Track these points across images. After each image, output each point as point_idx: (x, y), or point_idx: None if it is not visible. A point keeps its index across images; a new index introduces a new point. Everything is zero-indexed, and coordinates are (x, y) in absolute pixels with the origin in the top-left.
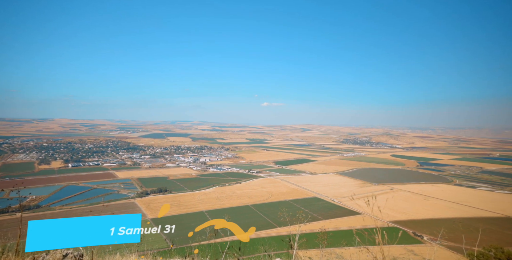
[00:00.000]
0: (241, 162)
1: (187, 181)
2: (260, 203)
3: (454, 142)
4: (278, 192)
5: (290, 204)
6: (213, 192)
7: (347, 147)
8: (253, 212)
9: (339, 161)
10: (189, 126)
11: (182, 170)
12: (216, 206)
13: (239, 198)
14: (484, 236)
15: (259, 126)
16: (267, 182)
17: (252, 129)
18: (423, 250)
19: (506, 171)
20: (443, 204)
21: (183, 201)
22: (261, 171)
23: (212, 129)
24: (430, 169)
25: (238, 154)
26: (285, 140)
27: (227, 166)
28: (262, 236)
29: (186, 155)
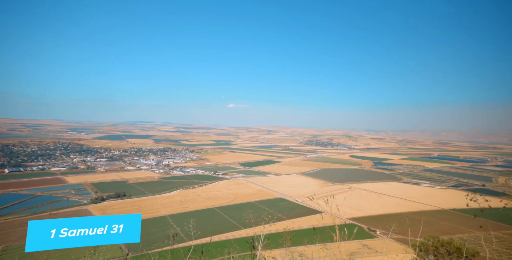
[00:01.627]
0: (206, 164)
1: (149, 185)
2: (225, 205)
3: (403, 143)
4: (244, 194)
5: (255, 205)
6: (177, 195)
7: (310, 148)
8: (218, 214)
9: (303, 162)
10: (151, 128)
11: (143, 173)
12: (179, 209)
13: (204, 201)
14: (425, 228)
15: (225, 128)
16: (232, 183)
17: (218, 130)
18: (376, 243)
19: (443, 169)
20: (394, 200)
21: (143, 206)
22: (227, 172)
23: (176, 130)
24: (383, 168)
25: (204, 156)
26: (251, 142)
27: (192, 168)
28: (228, 238)
29: (147, 157)
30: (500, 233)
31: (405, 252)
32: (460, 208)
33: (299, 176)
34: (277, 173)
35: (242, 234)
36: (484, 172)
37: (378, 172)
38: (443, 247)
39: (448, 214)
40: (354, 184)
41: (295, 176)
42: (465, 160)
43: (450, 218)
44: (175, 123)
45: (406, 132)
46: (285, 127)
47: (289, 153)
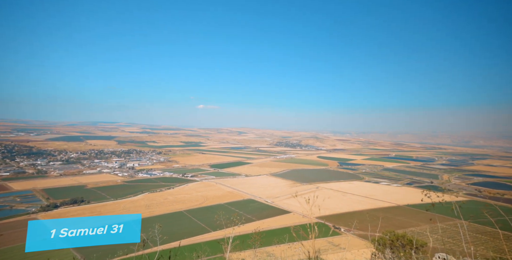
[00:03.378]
0: (174, 166)
1: (111, 189)
2: (194, 208)
3: (365, 144)
4: (214, 196)
5: (225, 207)
6: (142, 199)
7: (280, 149)
8: (187, 218)
9: (273, 163)
10: (115, 128)
11: (104, 176)
12: (145, 214)
13: (172, 204)
14: (383, 223)
15: (194, 129)
16: (202, 185)
17: (187, 132)
18: (341, 240)
19: (399, 168)
20: (356, 199)
21: (104, 212)
22: (196, 174)
23: (142, 131)
24: (347, 168)
25: (172, 158)
26: (221, 143)
27: (159, 170)
28: (197, 241)
29: (110, 159)
30: (444, 225)
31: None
32: (413, 203)
33: (269, 177)
34: (247, 174)
35: (212, 237)
36: (432, 170)
37: (343, 171)
38: (398, 241)
39: (403, 209)
40: (321, 183)
41: (265, 177)
42: (417, 160)
43: (404, 213)
44: (141, 124)
45: (368, 133)
46: (255, 129)
47: (259, 154)
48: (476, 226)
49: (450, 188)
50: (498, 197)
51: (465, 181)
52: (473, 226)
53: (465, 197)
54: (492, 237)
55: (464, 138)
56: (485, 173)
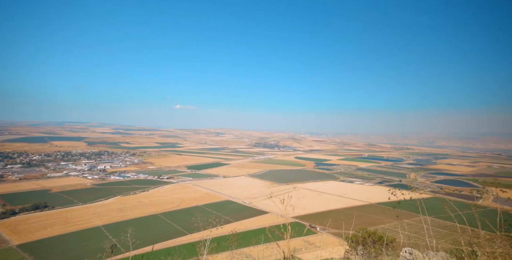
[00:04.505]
0: (149, 168)
1: (79, 193)
2: (170, 211)
3: (340, 145)
4: (191, 198)
5: (203, 209)
6: (114, 203)
7: (258, 150)
8: (162, 221)
9: (251, 164)
10: (84, 129)
11: (72, 179)
12: (117, 218)
13: (146, 207)
14: (357, 221)
15: (171, 130)
16: (178, 187)
17: (163, 132)
18: (316, 239)
19: (372, 168)
20: (332, 198)
21: (71, 217)
22: (173, 176)
23: (114, 132)
24: (324, 168)
25: (147, 159)
26: (199, 144)
27: (133, 172)
28: (172, 245)
29: (78, 161)
30: (410, 221)
31: (340, 245)
32: (383, 201)
33: (247, 177)
34: (225, 175)
35: (189, 240)
36: (401, 169)
37: (319, 172)
38: (370, 237)
39: (374, 207)
40: (298, 183)
41: (243, 177)
42: (388, 159)
43: (376, 211)
44: (114, 124)
45: (343, 134)
46: (233, 130)
47: (238, 155)
48: (438, 221)
49: (416, 186)
50: (456, 193)
51: (429, 179)
52: (436, 221)
53: (429, 194)
54: (451, 231)
55: (428, 139)
56: (446, 171)
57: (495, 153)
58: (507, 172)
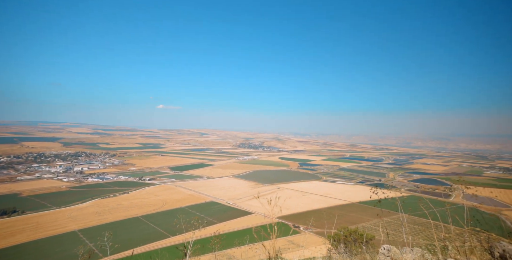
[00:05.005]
0: (130, 169)
1: (53, 196)
2: (152, 213)
3: (323, 145)
4: (173, 199)
5: (186, 210)
6: (92, 206)
7: (242, 151)
8: (143, 223)
9: (235, 165)
10: (60, 129)
11: (45, 182)
12: (94, 222)
13: (127, 210)
14: (339, 220)
15: (153, 130)
16: (161, 189)
17: (145, 133)
18: (299, 238)
19: (353, 168)
20: (315, 198)
21: (44, 222)
22: (155, 177)
23: (93, 132)
24: (307, 169)
25: (128, 160)
26: (182, 145)
27: (113, 174)
28: (154, 248)
29: (53, 163)
30: (389, 219)
31: (322, 244)
32: (364, 200)
33: (231, 178)
34: (209, 176)
35: (171, 242)
36: (380, 169)
37: (303, 172)
38: (351, 236)
39: (355, 206)
40: (282, 184)
41: (227, 178)
42: (369, 159)
43: (357, 209)
44: (92, 125)
45: (326, 135)
46: (218, 130)
47: (222, 156)
48: (414, 218)
49: (395, 184)
50: (431, 191)
51: (406, 178)
52: (412, 219)
53: (406, 192)
54: (426, 227)
55: (406, 140)
56: (422, 170)
57: (465, 152)
58: (475, 170)
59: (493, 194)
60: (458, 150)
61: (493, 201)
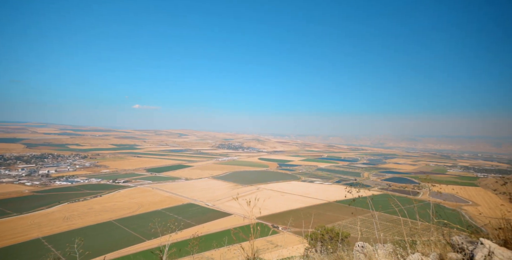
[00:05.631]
0: (103, 171)
1: (14, 201)
2: (126, 217)
3: (302, 146)
4: (150, 202)
5: (163, 213)
6: (59, 211)
7: (222, 152)
8: (117, 228)
9: (215, 166)
10: (22, 129)
11: (4, 187)
12: (62, 228)
13: (99, 214)
14: (316, 219)
15: (129, 131)
16: (136, 191)
17: (120, 133)
18: (278, 238)
19: (330, 168)
20: (294, 198)
21: (2, 231)
22: (130, 180)
23: (62, 133)
24: (286, 169)
25: (100, 162)
26: (160, 145)
27: (84, 177)
28: (128, 253)
29: (14, 166)
30: (363, 217)
31: (300, 243)
32: (340, 199)
33: (210, 179)
34: (187, 178)
35: (146, 247)
36: (356, 169)
37: (282, 172)
38: (327, 234)
39: (332, 205)
40: (262, 184)
41: (206, 180)
42: (345, 160)
43: (333, 208)
44: (61, 125)
45: (305, 136)
46: (197, 131)
47: (201, 157)
48: (386, 216)
49: (369, 183)
50: (401, 189)
51: (379, 177)
52: (384, 216)
53: (379, 191)
54: (396, 224)
55: (379, 140)
56: (394, 169)
57: (431, 152)
58: (440, 169)
59: (454, 191)
60: (425, 150)
61: (455, 197)
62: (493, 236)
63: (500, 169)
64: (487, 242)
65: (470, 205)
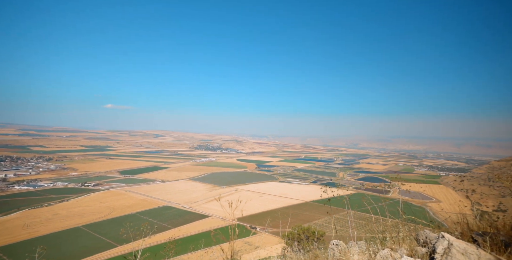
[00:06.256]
0: (71, 174)
1: None
2: (96, 222)
3: (280, 147)
4: (123, 205)
5: (137, 216)
6: (19, 218)
7: (200, 153)
8: (86, 234)
9: (192, 167)
10: None
11: None
12: (21, 236)
13: (65, 220)
14: (293, 219)
15: (100, 131)
16: (108, 195)
17: (90, 134)
18: (256, 239)
19: (307, 168)
20: (272, 198)
21: None
22: (102, 182)
23: (23, 133)
24: (264, 170)
25: (68, 165)
26: (134, 147)
27: (48, 180)
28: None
29: None
30: (338, 215)
31: (278, 243)
32: (316, 199)
33: (187, 181)
34: (164, 180)
35: (118, 252)
36: (332, 169)
37: (260, 173)
38: (304, 234)
39: (309, 205)
40: (240, 185)
41: (183, 181)
42: (321, 160)
43: (310, 208)
44: (22, 125)
45: (283, 137)
46: (174, 132)
47: (178, 158)
48: (359, 214)
49: (344, 183)
50: (373, 188)
51: (354, 177)
52: (358, 214)
53: (354, 190)
54: (368, 221)
55: (354, 141)
56: (367, 169)
57: (401, 153)
58: (408, 168)
59: (422, 189)
60: (395, 150)
61: (421, 195)
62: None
63: (459, 167)
64: (447, 235)
65: (433, 201)
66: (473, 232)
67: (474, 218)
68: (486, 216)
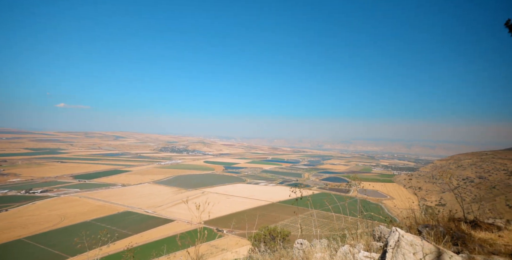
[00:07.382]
0: (12, 180)
1: None
2: (44, 232)
3: (248, 148)
4: (76, 212)
5: (93, 224)
6: None
7: (165, 155)
8: (30, 247)
9: (156, 170)
10: None
11: None
12: None
13: (3, 232)
14: (260, 220)
15: (50, 133)
16: (59, 202)
17: (38, 136)
18: (223, 242)
19: (275, 169)
20: (239, 200)
21: None
22: (51, 189)
23: None
24: (232, 172)
25: (9, 170)
26: (91, 149)
27: None
28: None
29: None
30: (303, 215)
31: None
32: (283, 200)
33: (151, 185)
34: (125, 184)
35: None
36: (298, 170)
37: (228, 175)
38: (270, 234)
39: (276, 206)
40: (207, 188)
41: (147, 185)
42: (288, 161)
43: (277, 209)
44: None
45: (250, 138)
46: (137, 133)
47: (141, 161)
48: (323, 213)
49: (309, 183)
50: (336, 188)
51: (318, 177)
52: (321, 213)
53: (318, 190)
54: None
55: (318, 143)
56: (330, 170)
57: (360, 153)
58: (366, 168)
59: (378, 187)
60: (356, 152)
61: (377, 193)
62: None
63: (409, 167)
64: (398, 229)
65: (388, 199)
66: (419, 225)
67: (420, 213)
68: (429, 210)
